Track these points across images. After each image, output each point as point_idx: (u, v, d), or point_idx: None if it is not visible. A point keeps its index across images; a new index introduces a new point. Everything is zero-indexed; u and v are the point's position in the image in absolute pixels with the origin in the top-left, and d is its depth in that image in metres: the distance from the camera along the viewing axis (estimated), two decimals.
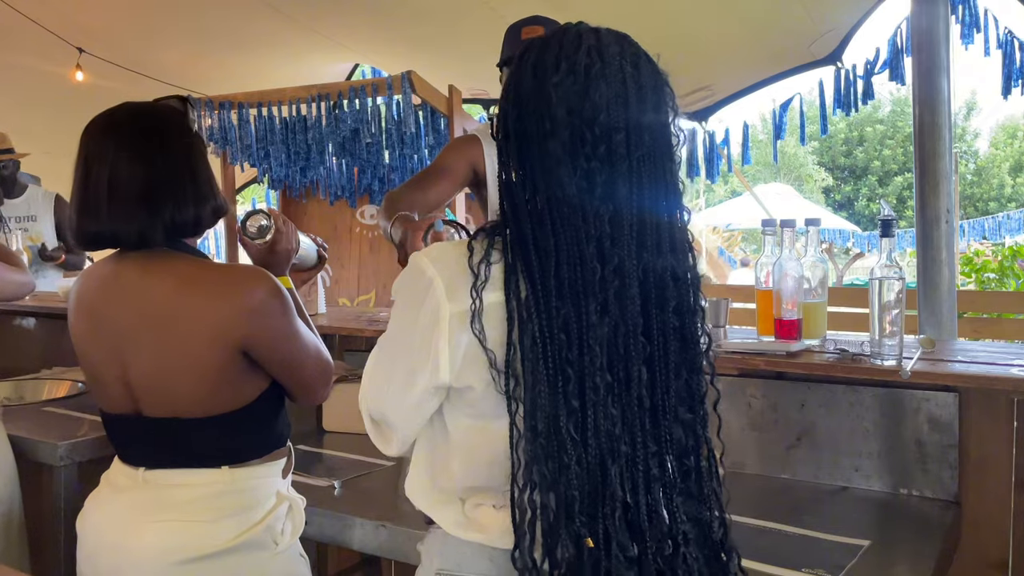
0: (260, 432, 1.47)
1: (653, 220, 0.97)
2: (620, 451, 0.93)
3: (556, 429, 0.92)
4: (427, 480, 1.09)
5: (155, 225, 1.39)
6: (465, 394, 0.99)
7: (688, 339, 0.99)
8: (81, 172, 1.40)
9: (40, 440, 2.04)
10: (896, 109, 21.97)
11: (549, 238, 0.94)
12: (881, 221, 1.64)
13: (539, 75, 0.97)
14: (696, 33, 4.63)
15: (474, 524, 1.04)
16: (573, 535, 0.91)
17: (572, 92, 0.95)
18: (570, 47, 0.97)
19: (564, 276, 0.93)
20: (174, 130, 1.45)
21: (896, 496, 1.66)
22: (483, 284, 0.95)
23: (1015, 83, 4.14)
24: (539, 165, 0.96)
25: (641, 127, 0.96)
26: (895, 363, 1.62)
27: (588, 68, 0.95)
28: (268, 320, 1.39)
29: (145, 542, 1.37)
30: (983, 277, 7.58)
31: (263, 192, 8.90)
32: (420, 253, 1.02)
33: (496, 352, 0.95)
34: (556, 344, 0.92)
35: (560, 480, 0.92)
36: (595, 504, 0.92)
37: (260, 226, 1.61)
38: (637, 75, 0.97)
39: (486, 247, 0.97)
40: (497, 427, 0.98)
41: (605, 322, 0.93)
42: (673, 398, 0.97)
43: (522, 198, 0.97)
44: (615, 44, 0.98)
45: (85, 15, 5.21)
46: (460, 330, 0.96)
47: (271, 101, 4.80)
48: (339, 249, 5.05)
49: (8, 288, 2.11)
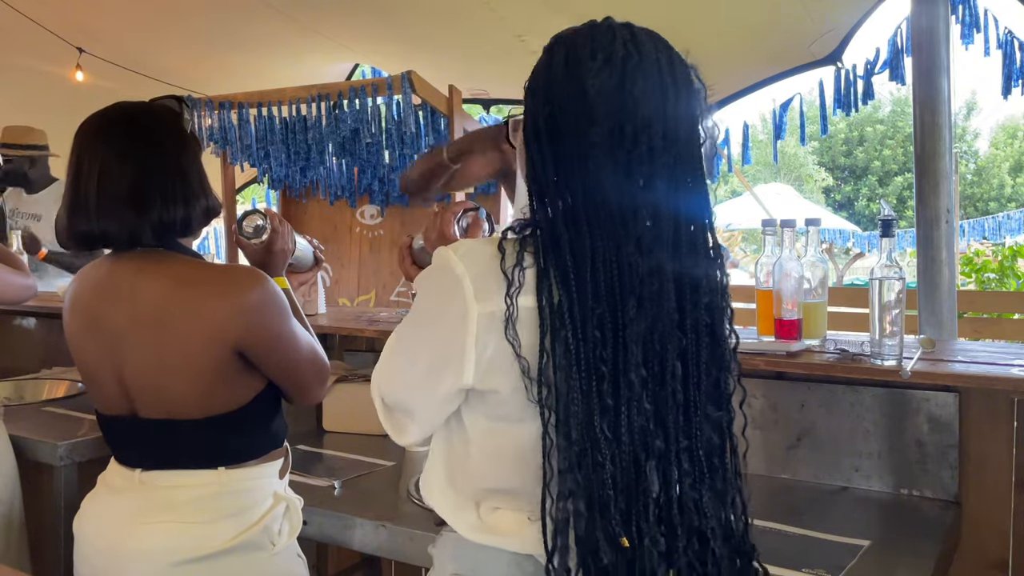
0: (256, 433, 1.46)
1: (688, 218, 0.96)
2: (654, 446, 0.92)
3: (590, 429, 0.90)
4: (444, 480, 1.06)
5: (143, 224, 1.39)
6: (488, 397, 0.97)
7: (718, 337, 0.98)
8: (73, 171, 1.40)
9: (40, 440, 2.04)
10: (896, 109, 21.96)
11: (585, 239, 0.91)
12: (881, 221, 1.64)
13: (572, 68, 0.94)
14: (696, 33, 4.62)
15: (490, 528, 1.02)
16: (609, 537, 0.90)
17: (610, 86, 0.92)
18: (604, 39, 0.94)
19: (601, 279, 0.91)
20: (166, 129, 1.45)
21: (896, 496, 1.66)
22: (517, 290, 0.92)
23: (1015, 83, 4.13)
24: (576, 163, 0.93)
25: (678, 122, 0.94)
26: (895, 363, 1.62)
27: (625, 61, 0.93)
28: (263, 320, 1.39)
29: (142, 543, 1.37)
30: (983, 277, 7.58)
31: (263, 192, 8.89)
32: (448, 249, 0.98)
33: (528, 359, 0.93)
34: (591, 343, 0.90)
35: (594, 481, 0.90)
36: (628, 501, 0.91)
37: (256, 226, 1.61)
38: (672, 69, 0.95)
39: (518, 250, 0.94)
40: (519, 430, 0.96)
41: (642, 318, 0.91)
42: (704, 395, 0.96)
43: (555, 199, 0.94)
44: (648, 39, 0.96)
45: (85, 15, 5.20)
46: (487, 332, 0.94)
47: (271, 101, 4.79)
48: (339, 249, 5.04)
49: (9, 291, 2.11)
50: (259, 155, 4.90)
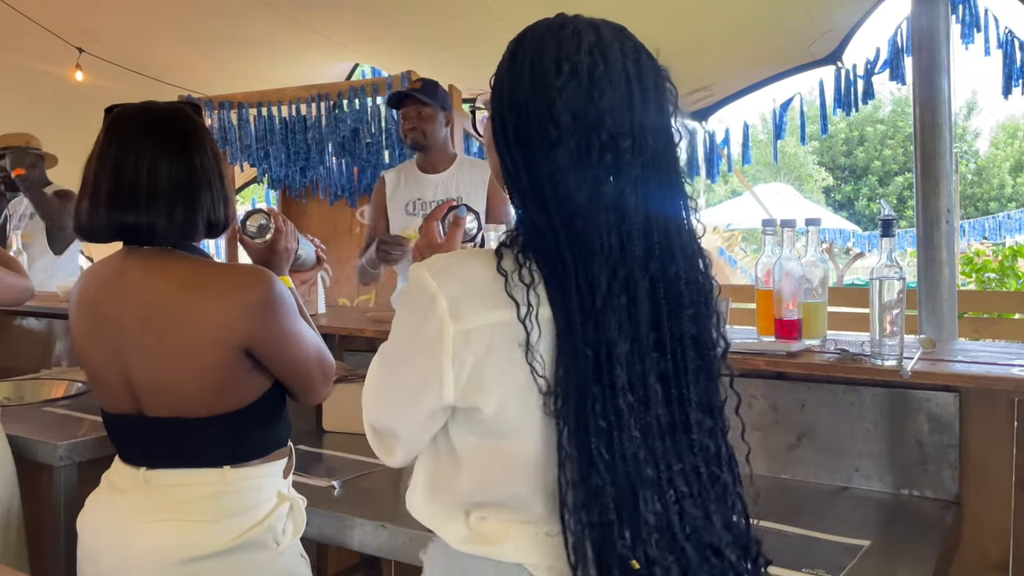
0: (261, 432, 1.47)
1: (663, 226, 0.94)
2: (646, 475, 0.91)
3: (588, 451, 0.89)
4: (427, 495, 1.05)
5: (195, 220, 1.42)
6: (472, 414, 0.96)
7: (704, 345, 0.96)
8: (112, 164, 1.40)
9: (40, 440, 2.04)
10: (896, 109, 21.97)
11: (566, 253, 0.90)
12: (881, 221, 1.64)
13: (537, 77, 0.92)
14: (696, 33, 4.62)
15: (479, 537, 1.00)
16: (617, 559, 0.89)
17: (576, 97, 0.90)
18: (570, 46, 0.92)
19: (584, 294, 0.90)
20: (204, 132, 1.49)
21: (896, 496, 1.66)
22: (534, 312, 0.90)
23: (1015, 83, 4.14)
24: (544, 173, 0.92)
25: (646, 130, 0.92)
26: (895, 363, 1.62)
27: (592, 70, 0.91)
28: (270, 319, 1.39)
29: (146, 542, 1.37)
30: (983, 277, 7.58)
31: (263, 192, 8.89)
32: (421, 265, 0.97)
33: (523, 374, 0.91)
34: (584, 361, 0.89)
35: (596, 504, 0.89)
36: (633, 526, 0.90)
37: (260, 225, 1.62)
38: (640, 74, 0.93)
39: (517, 266, 0.93)
40: (509, 446, 0.95)
41: (622, 338, 0.90)
42: (694, 408, 0.95)
43: (533, 205, 0.93)
44: (615, 41, 0.94)
45: (85, 15, 5.20)
46: (464, 349, 0.92)
47: (271, 101, 4.80)
48: (339, 249, 5.04)
49: (7, 293, 2.11)
50: (259, 155, 4.91)
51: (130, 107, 1.47)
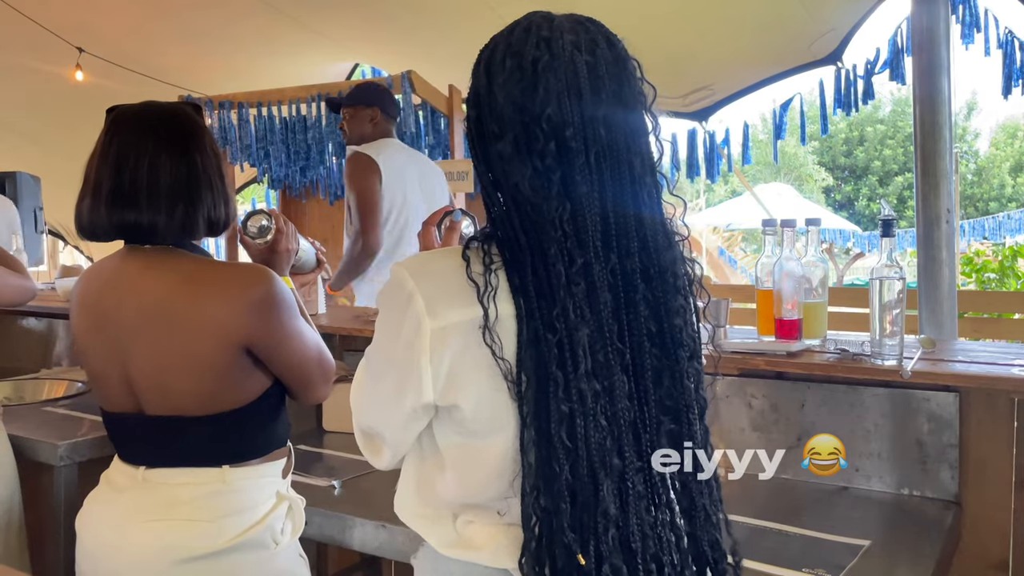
0: (261, 431, 1.47)
1: (620, 218, 0.92)
2: (612, 465, 0.90)
3: (547, 436, 0.89)
4: (415, 498, 1.05)
5: (195, 218, 1.42)
6: (452, 413, 0.96)
7: (668, 344, 0.93)
8: (113, 163, 1.40)
9: (40, 440, 2.04)
10: (896, 109, 21.96)
11: (522, 239, 0.91)
12: (882, 221, 1.64)
13: (489, 74, 0.95)
14: (696, 33, 4.63)
15: (465, 542, 1.00)
16: (565, 549, 0.89)
17: (518, 89, 0.92)
18: (519, 41, 0.94)
19: (542, 279, 0.90)
20: (206, 131, 1.50)
21: (896, 496, 1.66)
22: (492, 293, 0.91)
23: (1015, 83, 4.14)
24: (497, 166, 0.94)
25: (596, 120, 0.92)
26: (895, 363, 1.62)
27: (536, 62, 0.92)
28: (271, 317, 1.40)
29: (145, 541, 1.37)
30: (983, 277, 7.58)
31: (263, 192, 8.89)
32: (400, 264, 0.98)
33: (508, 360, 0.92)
34: (545, 346, 0.89)
35: (549, 490, 0.89)
36: (587, 518, 0.89)
37: (261, 226, 1.62)
38: (593, 63, 0.92)
39: (482, 255, 0.94)
40: (489, 444, 0.95)
41: (583, 324, 0.90)
42: (655, 408, 0.93)
43: (496, 201, 0.95)
44: (570, 32, 0.93)
45: (85, 15, 5.21)
46: (442, 347, 0.93)
47: (271, 101, 4.80)
48: (339, 249, 5.02)
49: (8, 293, 2.11)
50: (259, 155, 4.91)
51: (131, 107, 1.48)
